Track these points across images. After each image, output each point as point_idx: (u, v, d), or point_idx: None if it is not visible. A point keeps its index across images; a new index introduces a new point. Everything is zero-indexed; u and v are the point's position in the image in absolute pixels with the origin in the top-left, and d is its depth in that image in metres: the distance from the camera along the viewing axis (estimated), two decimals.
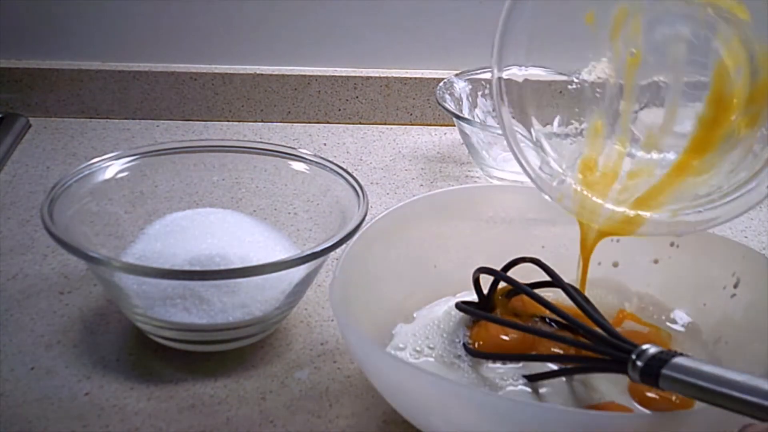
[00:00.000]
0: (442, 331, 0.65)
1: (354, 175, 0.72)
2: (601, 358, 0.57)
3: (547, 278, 0.64)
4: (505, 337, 0.63)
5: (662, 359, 0.52)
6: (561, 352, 0.62)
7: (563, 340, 0.61)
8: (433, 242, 0.70)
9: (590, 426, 0.52)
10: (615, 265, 0.71)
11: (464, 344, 0.64)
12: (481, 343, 0.63)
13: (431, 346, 0.64)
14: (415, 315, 0.67)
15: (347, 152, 0.99)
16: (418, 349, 0.64)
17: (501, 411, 0.53)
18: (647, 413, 0.59)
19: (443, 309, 0.67)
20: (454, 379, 0.60)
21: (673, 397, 0.59)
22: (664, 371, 0.52)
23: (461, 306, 0.65)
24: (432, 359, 0.63)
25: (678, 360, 0.52)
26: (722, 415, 0.55)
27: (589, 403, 0.59)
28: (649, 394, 0.60)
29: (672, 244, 0.69)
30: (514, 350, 0.63)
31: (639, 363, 0.53)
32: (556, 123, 0.98)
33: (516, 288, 0.64)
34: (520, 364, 0.62)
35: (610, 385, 0.61)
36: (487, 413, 0.53)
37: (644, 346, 0.54)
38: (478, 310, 0.65)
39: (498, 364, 0.62)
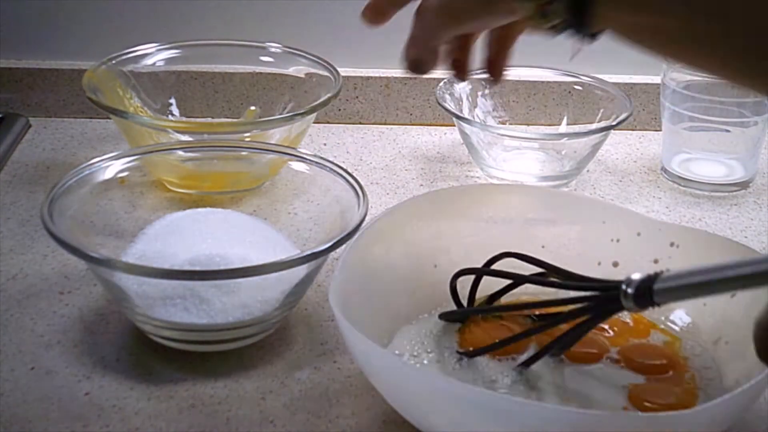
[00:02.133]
0: (435, 336, 0.65)
1: (354, 175, 0.72)
2: (595, 303, 0.57)
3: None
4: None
5: (650, 278, 0.53)
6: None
7: (555, 303, 0.61)
8: (433, 242, 0.70)
9: (590, 425, 0.52)
10: (615, 265, 0.70)
11: (457, 351, 0.63)
12: (471, 349, 0.63)
13: (429, 350, 0.64)
14: (412, 323, 0.67)
15: (347, 152, 0.99)
16: (415, 354, 0.64)
17: (501, 410, 0.53)
18: (647, 414, 0.58)
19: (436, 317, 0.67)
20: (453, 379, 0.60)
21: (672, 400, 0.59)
22: (657, 286, 0.53)
23: (445, 315, 0.65)
24: (426, 362, 0.63)
25: (666, 273, 0.53)
26: (722, 415, 0.55)
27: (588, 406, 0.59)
28: (649, 402, 0.60)
29: (672, 244, 0.69)
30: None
31: (630, 290, 0.54)
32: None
33: (502, 277, 0.63)
34: (516, 362, 0.62)
35: (609, 389, 0.61)
36: (487, 413, 0.53)
37: (630, 276, 0.54)
38: (463, 309, 0.65)
39: (495, 363, 0.62)
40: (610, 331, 0.66)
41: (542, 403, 0.58)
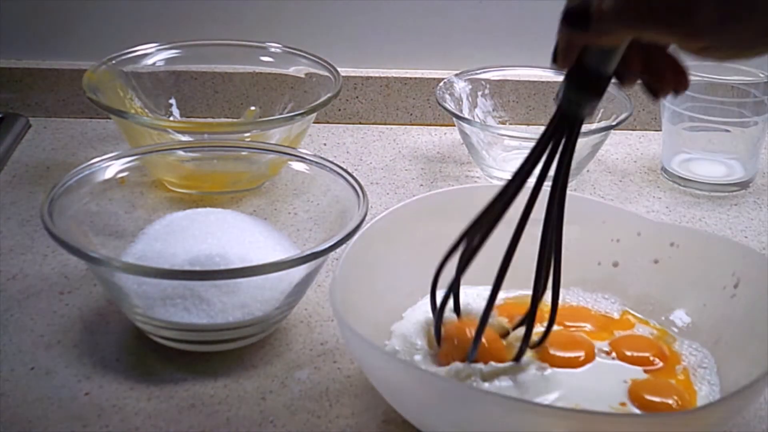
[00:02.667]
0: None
1: (354, 175, 0.72)
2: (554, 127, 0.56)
3: None
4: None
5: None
6: None
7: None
8: (433, 242, 0.69)
9: (591, 426, 0.52)
10: (615, 265, 0.71)
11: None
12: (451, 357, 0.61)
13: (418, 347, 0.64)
14: (403, 315, 0.67)
15: (347, 152, 0.99)
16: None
17: (501, 410, 0.53)
18: (647, 413, 0.58)
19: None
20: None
21: (671, 401, 0.59)
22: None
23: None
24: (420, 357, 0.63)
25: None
26: (722, 415, 0.55)
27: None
28: (649, 397, 0.60)
29: (672, 244, 0.69)
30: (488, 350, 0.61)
31: (567, 80, 0.55)
32: None
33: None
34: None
35: (608, 385, 0.61)
36: (486, 413, 0.53)
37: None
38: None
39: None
40: (593, 327, 0.66)
41: (543, 404, 0.58)
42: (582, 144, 0.90)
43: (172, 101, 0.96)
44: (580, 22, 0.52)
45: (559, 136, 0.56)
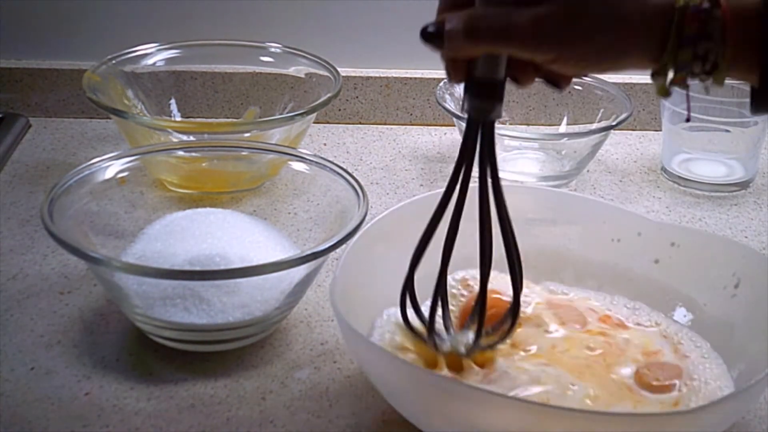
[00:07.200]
0: None
1: (354, 175, 0.72)
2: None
3: None
4: None
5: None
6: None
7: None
8: (433, 242, 0.69)
9: (590, 425, 0.52)
10: (615, 265, 0.71)
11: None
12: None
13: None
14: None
15: (347, 152, 0.99)
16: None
17: (500, 409, 0.53)
18: (647, 413, 0.58)
19: None
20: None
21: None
22: None
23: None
24: None
25: None
26: (722, 415, 0.55)
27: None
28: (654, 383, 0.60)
29: (672, 244, 0.69)
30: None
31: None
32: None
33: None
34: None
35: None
36: (486, 412, 0.53)
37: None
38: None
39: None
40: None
41: (543, 403, 0.58)
42: (582, 144, 0.91)
43: (172, 101, 0.96)
44: (436, 41, 0.55)
45: (475, 142, 0.58)
